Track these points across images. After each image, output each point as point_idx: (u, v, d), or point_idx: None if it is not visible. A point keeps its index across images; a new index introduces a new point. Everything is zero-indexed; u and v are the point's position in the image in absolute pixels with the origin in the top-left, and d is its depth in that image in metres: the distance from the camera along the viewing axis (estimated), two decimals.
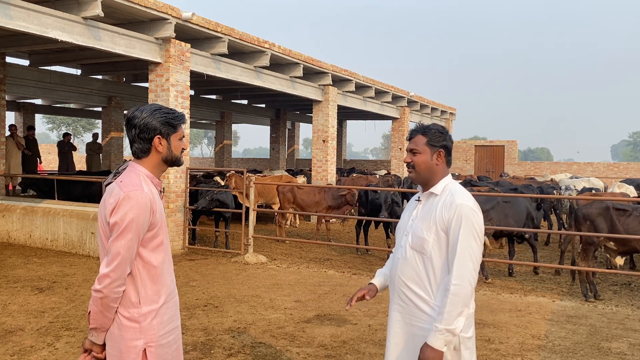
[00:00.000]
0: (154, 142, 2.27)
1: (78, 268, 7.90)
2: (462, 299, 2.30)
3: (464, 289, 2.30)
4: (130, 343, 2.18)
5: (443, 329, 2.28)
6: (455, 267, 2.32)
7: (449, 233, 2.37)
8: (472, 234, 2.35)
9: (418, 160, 2.51)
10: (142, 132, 2.26)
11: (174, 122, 2.30)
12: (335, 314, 5.87)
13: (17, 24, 7.25)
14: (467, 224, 2.35)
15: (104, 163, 17.38)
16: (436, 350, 2.29)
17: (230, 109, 22.03)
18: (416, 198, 2.62)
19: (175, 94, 9.60)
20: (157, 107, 2.30)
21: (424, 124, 2.61)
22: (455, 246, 2.34)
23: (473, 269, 2.34)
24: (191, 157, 34.08)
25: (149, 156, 2.30)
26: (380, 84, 17.33)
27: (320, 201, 10.83)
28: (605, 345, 5.05)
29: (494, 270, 8.52)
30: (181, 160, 2.39)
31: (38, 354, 4.52)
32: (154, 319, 2.23)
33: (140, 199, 2.16)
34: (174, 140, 2.32)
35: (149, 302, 2.23)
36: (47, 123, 62.66)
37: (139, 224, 2.16)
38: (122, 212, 2.14)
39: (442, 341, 2.29)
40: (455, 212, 2.37)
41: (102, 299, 2.14)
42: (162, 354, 2.25)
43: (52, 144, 34.95)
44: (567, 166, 25.22)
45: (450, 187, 2.49)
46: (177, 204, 9.68)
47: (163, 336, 2.26)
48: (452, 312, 2.29)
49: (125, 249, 2.14)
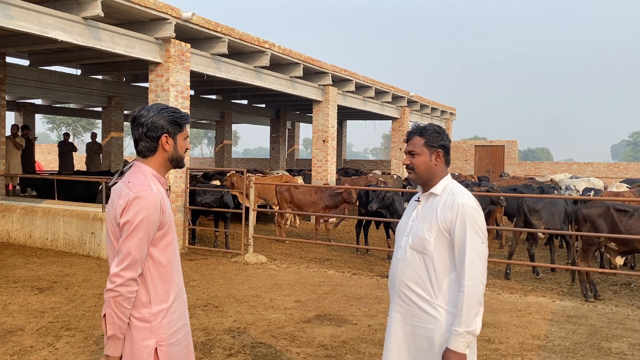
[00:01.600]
0: (161, 140, 2.27)
1: (78, 268, 7.91)
2: (476, 298, 2.30)
3: (477, 289, 2.31)
4: (142, 343, 2.18)
5: (464, 331, 2.28)
6: (466, 268, 2.31)
7: (453, 233, 2.37)
8: (477, 233, 2.35)
9: (417, 162, 2.51)
10: (149, 131, 2.26)
11: (180, 121, 2.30)
12: (335, 314, 5.87)
13: (17, 24, 7.25)
14: (472, 223, 2.35)
15: (104, 163, 17.38)
16: (460, 354, 2.28)
17: (230, 109, 22.03)
18: (416, 199, 2.62)
19: (175, 94, 9.61)
20: (163, 107, 2.31)
21: (421, 124, 2.59)
22: (463, 247, 2.33)
23: (483, 268, 2.34)
24: (191, 157, 34.07)
25: (155, 155, 2.30)
26: (380, 84, 17.33)
27: (317, 201, 10.82)
28: (605, 345, 5.05)
29: (493, 270, 8.52)
30: (184, 161, 2.40)
31: (38, 354, 4.52)
32: (164, 318, 2.23)
33: (151, 199, 2.16)
34: (180, 140, 2.32)
35: (159, 301, 2.23)
36: (47, 123, 62.66)
37: (150, 223, 2.16)
38: (133, 212, 2.13)
39: (465, 344, 2.28)
40: (458, 212, 2.37)
41: (114, 299, 2.12)
42: (173, 352, 2.26)
43: (52, 144, 34.95)
44: (567, 166, 25.21)
45: (450, 186, 2.49)
46: (177, 204, 9.68)
47: (173, 334, 2.26)
48: (469, 313, 2.29)
49: (136, 249, 2.14)
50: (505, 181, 15.72)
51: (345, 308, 6.10)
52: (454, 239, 2.37)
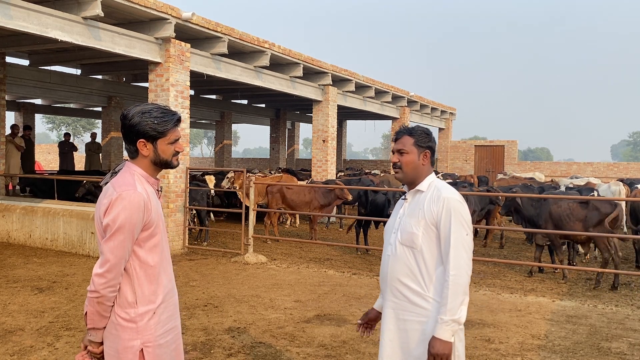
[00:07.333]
0: (138, 145, 2.25)
1: (78, 268, 7.90)
2: (462, 287, 2.37)
3: (462, 278, 2.38)
4: (127, 343, 2.18)
5: (449, 319, 2.34)
6: (451, 258, 2.39)
7: (439, 226, 2.45)
8: (463, 225, 2.43)
9: (405, 160, 2.58)
10: (128, 135, 2.25)
11: (159, 127, 2.23)
12: (335, 314, 5.87)
13: (17, 23, 7.25)
14: (457, 215, 2.43)
15: (104, 163, 17.39)
16: (445, 342, 2.35)
17: (230, 108, 22.03)
18: (402, 197, 2.69)
19: (175, 94, 9.61)
20: (148, 109, 2.25)
21: (408, 126, 2.69)
22: (448, 238, 2.41)
23: (468, 258, 2.42)
24: (191, 157, 34.10)
25: (138, 157, 2.28)
26: (380, 83, 17.33)
27: (311, 201, 10.79)
28: (605, 345, 5.05)
29: (493, 270, 8.52)
30: (173, 164, 2.33)
31: (38, 354, 4.52)
32: (151, 319, 2.22)
33: (133, 199, 2.15)
34: (162, 145, 2.26)
35: (145, 302, 2.22)
36: (47, 123, 62.66)
37: (132, 224, 2.15)
38: (115, 212, 2.13)
39: (450, 332, 2.35)
40: (443, 205, 2.45)
41: (97, 299, 2.15)
42: (160, 354, 2.25)
43: (52, 144, 34.94)
44: (567, 166, 25.21)
45: (435, 183, 2.58)
46: (177, 203, 9.68)
47: (161, 336, 2.25)
48: (454, 302, 2.36)
49: (118, 250, 2.14)
50: (505, 181, 15.74)
51: (345, 308, 6.10)
52: (440, 231, 2.45)
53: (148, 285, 2.23)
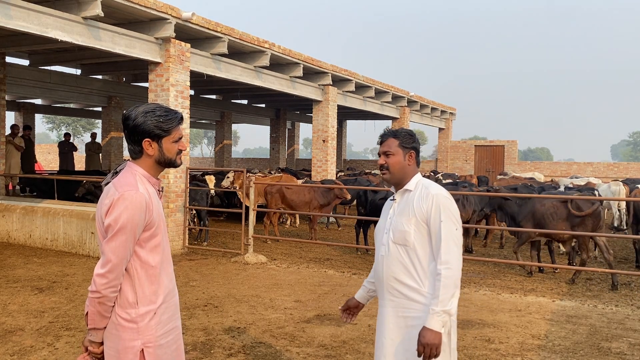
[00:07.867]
0: (143, 144, 2.25)
1: (78, 268, 7.90)
2: (453, 280, 2.43)
3: (453, 271, 2.44)
4: (128, 343, 2.18)
5: (440, 310, 2.40)
6: (442, 252, 2.46)
7: (430, 222, 2.51)
8: (452, 220, 2.50)
9: (392, 161, 2.65)
10: (132, 135, 2.24)
11: (165, 126, 2.24)
12: (335, 314, 5.86)
13: (17, 23, 7.25)
14: (446, 211, 2.50)
15: (104, 163, 17.38)
16: (435, 332, 2.40)
17: (230, 108, 22.03)
18: (391, 198, 2.74)
19: (175, 94, 9.60)
20: (151, 109, 2.25)
21: (392, 128, 2.76)
22: (439, 233, 2.48)
23: (458, 252, 2.48)
24: (191, 157, 34.09)
25: (142, 157, 2.28)
26: (380, 83, 17.33)
27: (310, 201, 10.79)
28: (605, 345, 5.05)
29: (493, 270, 8.52)
30: (177, 162, 2.34)
31: (38, 354, 4.52)
32: (151, 319, 2.22)
33: (135, 199, 2.15)
34: (167, 143, 2.27)
35: (146, 302, 2.22)
36: (47, 123, 62.65)
37: (134, 224, 2.15)
38: (116, 213, 2.13)
39: (440, 322, 2.41)
40: (433, 202, 2.52)
41: (98, 299, 2.15)
42: (161, 355, 2.24)
43: (52, 144, 34.94)
44: (567, 166, 25.21)
45: (422, 182, 2.65)
46: (177, 203, 9.68)
47: (162, 336, 2.25)
48: (446, 294, 2.42)
49: (120, 250, 2.14)
50: (505, 181, 15.73)
51: None
52: (430, 227, 2.51)
53: (149, 286, 2.23)
